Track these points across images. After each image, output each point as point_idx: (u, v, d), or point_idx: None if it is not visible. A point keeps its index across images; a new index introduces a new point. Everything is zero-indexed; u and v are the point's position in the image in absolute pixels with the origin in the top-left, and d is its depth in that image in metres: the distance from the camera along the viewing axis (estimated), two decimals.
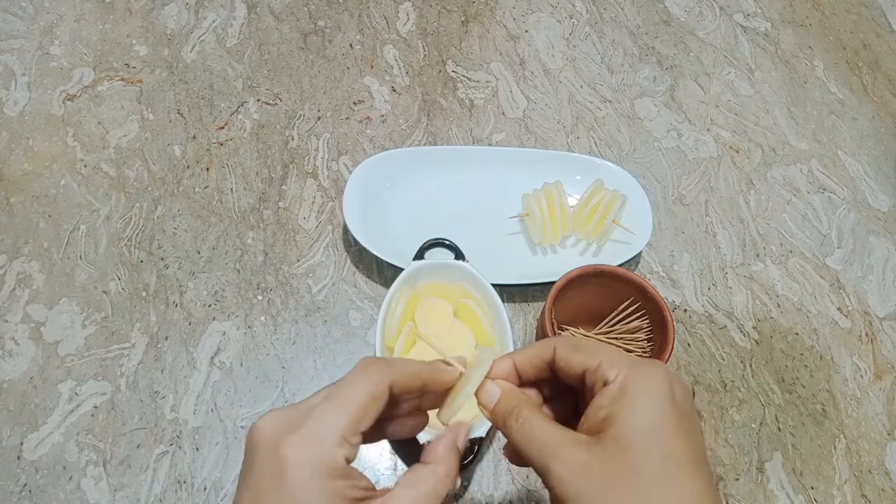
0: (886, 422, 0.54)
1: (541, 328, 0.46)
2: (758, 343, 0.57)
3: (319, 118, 0.65)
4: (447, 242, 0.51)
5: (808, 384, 0.55)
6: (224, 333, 0.53)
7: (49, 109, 0.63)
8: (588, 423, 0.28)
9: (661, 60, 0.74)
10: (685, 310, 0.58)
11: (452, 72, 0.70)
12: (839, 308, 0.60)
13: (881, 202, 0.67)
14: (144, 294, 0.54)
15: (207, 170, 0.61)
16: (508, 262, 0.57)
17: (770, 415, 0.53)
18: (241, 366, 0.52)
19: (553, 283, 0.47)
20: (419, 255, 0.50)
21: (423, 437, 0.42)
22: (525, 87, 0.70)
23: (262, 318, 0.54)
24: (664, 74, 0.73)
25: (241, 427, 0.49)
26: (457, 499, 0.47)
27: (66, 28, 0.68)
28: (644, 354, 0.48)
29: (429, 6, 0.75)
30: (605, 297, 0.49)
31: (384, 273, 0.57)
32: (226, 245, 0.57)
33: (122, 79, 0.65)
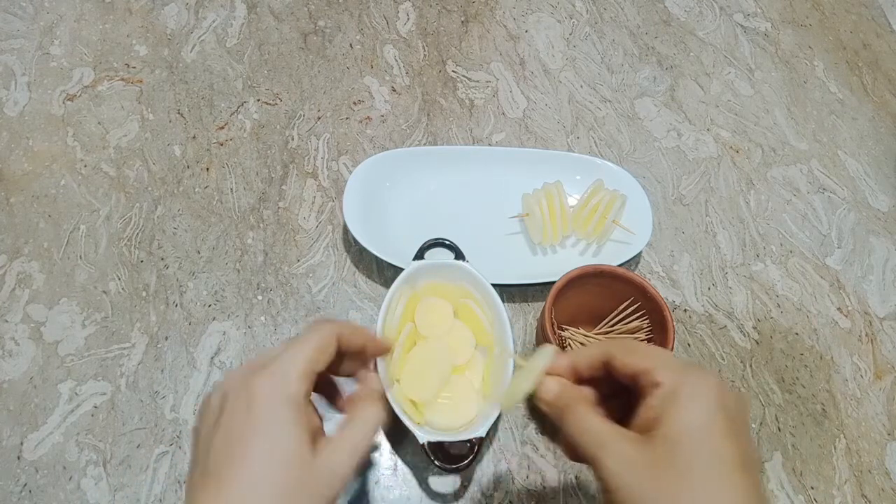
0: (886, 422, 0.54)
1: (541, 328, 0.46)
2: (758, 343, 0.57)
3: (319, 118, 0.65)
4: (447, 242, 0.51)
5: (808, 384, 0.55)
6: (224, 333, 0.53)
7: (49, 109, 0.63)
8: (639, 422, 0.30)
9: (661, 60, 0.74)
10: (685, 310, 0.58)
11: (452, 72, 0.70)
12: (839, 308, 0.60)
13: (881, 202, 0.67)
14: (144, 294, 0.54)
15: (207, 170, 0.61)
16: (508, 262, 0.57)
17: (770, 415, 0.53)
18: (242, 366, 0.52)
19: (553, 283, 0.47)
20: (419, 255, 0.50)
21: (423, 438, 0.42)
22: (525, 87, 0.70)
23: (262, 318, 0.54)
24: (664, 74, 0.73)
25: None
26: (457, 498, 0.47)
27: (66, 28, 0.68)
28: None
29: (429, 6, 0.75)
30: (605, 297, 0.49)
31: (384, 273, 0.57)
32: (226, 245, 0.57)
33: (122, 79, 0.65)
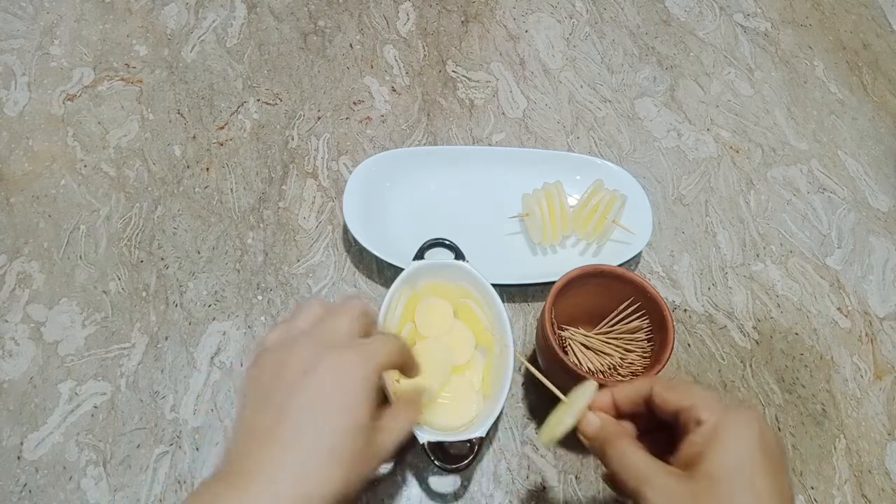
0: (886, 422, 0.54)
1: (541, 328, 0.46)
2: (758, 343, 0.57)
3: (319, 118, 0.65)
4: (447, 242, 0.51)
5: (808, 384, 0.55)
6: (224, 333, 0.53)
7: (49, 109, 0.63)
8: (681, 458, 0.31)
9: (661, 60, 0.74)
10: (685, 310, 0.58)
11: (452, 72, 0.70)
12: (839, 308, 0.60)
13: (881, 202, 0.67)
14: (144, 294, 0.54)
15: (207, 170, 0.61)
16: (508, 262, 0.57)
17: (770, 415, 0.53)
18: (242, 366, 0.52)
19: (553, 283, 0.47)
20: (419, 255, 0.50)
21: (423, 438, 0.42)
22: (525, 87, 0.70)
23: (262, 318, 0.54)
24: (664, 74, 0.73)
25: None
26: (457, 498, 0.47)
27: (66, 28, 0.68)
28: (644, 354, 0.48)
29: (429, 6, 0.75)
30: (605, 297, 0.49)
31: (384, 273, 0.57)
32: (226, 245, 0.57)
33: (122, 79, 0.65)
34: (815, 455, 0.52)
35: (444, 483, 0.48)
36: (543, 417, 0.51)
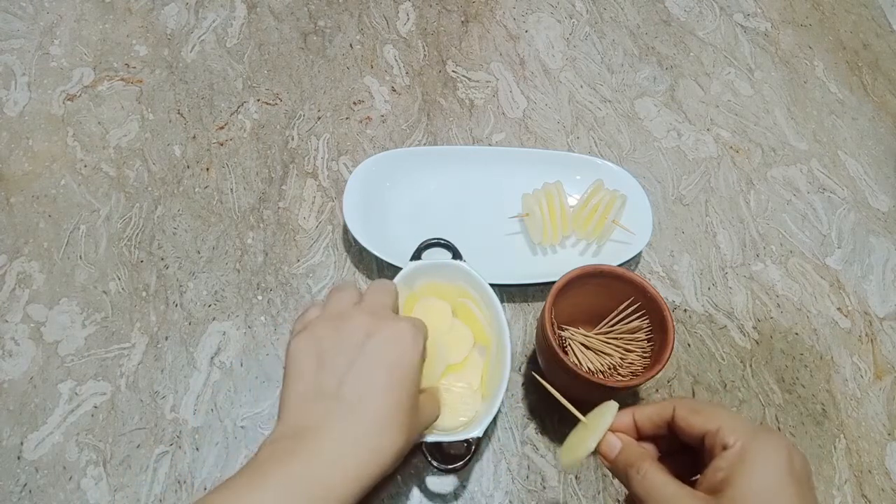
0: (886, 422, 0.54)
1: (541, 328, 0.46)
2: (758, 343, 0.57)
3: (319, 118, 0.65)
4: (444, 242, 0.51)
5: (808, 384, 0.55)
6: (224, 333, 0.53)
7: (49, 109, 0.63)
8: (707, 483, 0.31)
9: (661, 60, 0.74)
10: (685, 310, 0.58)
11: (452, 72, 0.70)
12: (839, 308, 0.60)
13: (881, 202, 0.67)
14: (144, 294, 0.54)
15: (207, 170, 0.61)
16: (508, 262, 0.57)
17: (770, 415, 0.53)
18: (241, 366, 0.52)
19: (553, 283, 0.47)
20: (416, 256, 0.50)
21: (427, 439, 0.42)
22: (525, 87, 0.70)
23: (262, 318, 0.54)
24: (664, 74, 0.73)
25: (241, 427, 0.49)
26: (456, 498, 0.47)
27: (66, 28, 0.68)
28: (644, 354, 0.48)
29: (429, 6, 0.75)
30: (605, 297, 0.49)
31: (384, 273, 0.57)
32: (226, 245, 0.57)
33: (122, 79, 0.65)
34: (815, 455, 0.52)
35: (444, 483, 0.48)
36: (544, 417, 0.51)
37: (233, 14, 0.71)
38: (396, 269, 0.50)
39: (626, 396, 0.53)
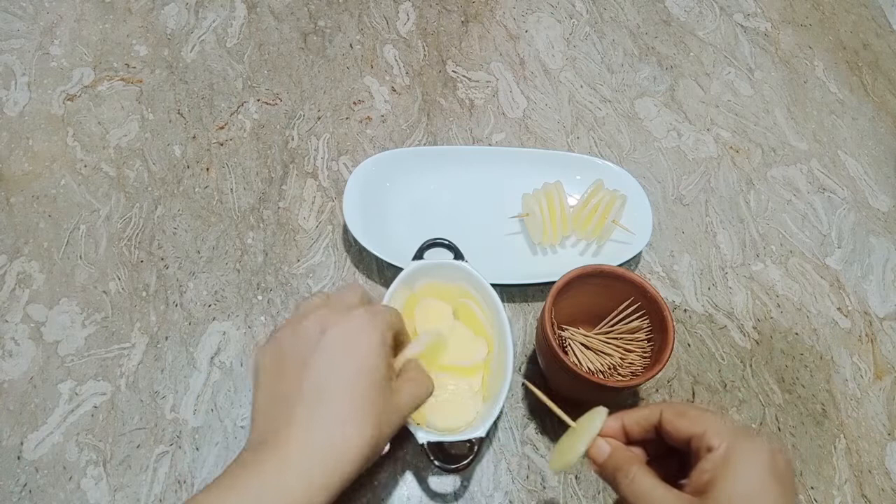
0: (886, 422, 0.54)
1: (541, 328, 0.46)
2: (758, 343, 0.57)
3: (319, 118, 0.65)
4: (446, 242, 0.51)
5: (808, 384, 0.55)
6: (224, 333, 0.53)
7: (49, 109, 0.63)
8: (693, 485, 0.31)
9: (661, 60, 0.74)
10: (685, 310, 0.58)
11: (452, 72, 0.70)
12: (839, 308, 0.60)
13: (881, 202, 0.67)
14: (144, 294, 0.54)
15: (207, 170, 0.61)
16: (508, 262, 0.57)
17: (770, 415, 0.53)
18: (241, 366, 0.52)
19: (553, 283, 0.47)
20: (418, 256, 0.50)
21: (423, 438, 0.42)
22: (525, 87, 0.70)
23: (262, 318, 0.54)
24: (664, 74, 0.73)
25: (241, 427, 0.49)
26: (457, 498, 0.47)
27: (66, 28, 0.68)
28: (644, 354, 0.48)
29: (429, 6, 0.75)
30: (605, 297, 0.49)
31: (384, 273, 0.57)
32: (226, 245, 0.57)
33: (122, 79, 0.65)
34: (815, 455, 0.52)
35: (444, 483, 0.48)
36: (544, 418, 0.51)
37: (233, 14, 0.71)
38: (396, 269, 0.50)
39: (626, 396, 0.53)
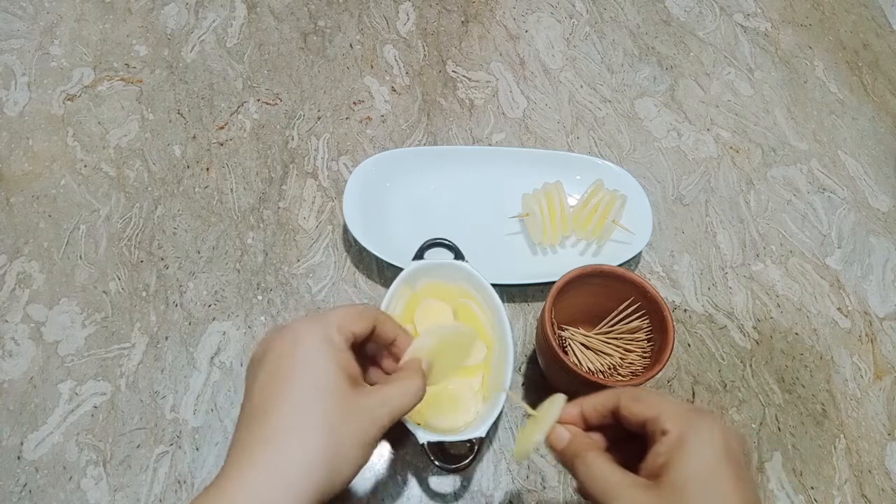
0: (886, 422, 0.54)
1: (541, 328, 0.46)
2: (758, 343, 0.57)
3: (319, 118, 0.65)
4: (447, 242, 0.51)
5: (808, 384, 0.55)
6: (224, 333, 0.53)
7: (49, 109, 0.63)
8: (648, 469, 0.31)
9: (661, 60, 0.74)
10: (685, 310, 0.58)
11: (452, 72, 0.70)
12: (839, 308, 0.60)
13: (881, 202, 0.67)
14: (144, 294, 0.54)
15: (207, 170, 0.61)
16: (508, 262, 0.57)
17: (770, 415, 0.53)
18: (241, 366, 0.52)
19: (553, 283, 0.47)
20: (418, 256, 0.50)
21: (423, 438, 0.42)
22: (525, 87, 0.70)
23: (262, 318, 0.54)
24: (664, 74, 0.73)
25: None
26: (457, 498, 0.47)
27: (66, 28, 0.68)
28: (644, 354, 0.48)
29: (429, 6, 0.75)
30: (605, 297, 0.49)
31: (384, 273, 0.57)
32: (226, 245, 0.57)
33: (122, 79, 0.65)
34: (815, 455, 0.52)
35: (444, 483, 0.48)
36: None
37: (233, 14, 0.71)
38: (396, 269, 0.50)
39: None
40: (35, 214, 0.57)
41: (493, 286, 0.49)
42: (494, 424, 0.50)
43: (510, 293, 0.56)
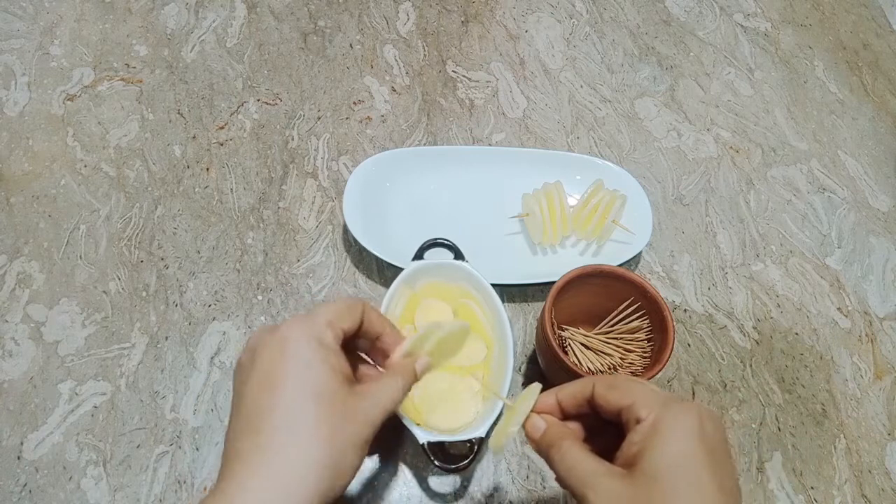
0: (886, 422, 0.54)
1: (541, 328, 0.46)
2: (758, 343, 0.57)
3: (319, 118, 0.65)
4: (447, 242, 0.51)
5: (808, 384, 0.55)
6: (224, 333, 0.53)
7: (49, 109, 0.63)
8: (623, 457, 0.31)
9: (661, 60, 0.74)
10: (685, 310, 0.58)
11: (452, 72, 0.70)
12: (839, 308, 0.60)
13: (881, 202, 0.67)
14: (144, 294, 0.54)
15: (207, 170, 0.61)
16: (508, 262, 0.57)
17: (770, 415, 0.53)
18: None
19: (553, 283, 0.47)
20: (418, 256, 0.50)
21: (423, 438, 0.42)
22: (525, 87, 0.70)
23: (262, 318, 0.54)
24: (664, 74, 0.73)
25: None
26: (457, 498, 0.47)
27: (66, 28, 0.68)
28: (644, 354, 0.48)
29: (429, 6, 0.75)
30: (605, 297, 0.49)
31: (384, 273, 0.57)
32: (226, 245, 0.57)
33: (122, 79, 0.65)
34: (815, 455, 0.52)
35: (444, 483, 0.48)
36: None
37: (233, 14, 0.71)
38: (396, 269, 0.50)
39: None
40: (35, 214, 0.57)
41: (493, 286, 0.49)
42: (494, 424, 0.50)
43: (510, 293, 0.56)
